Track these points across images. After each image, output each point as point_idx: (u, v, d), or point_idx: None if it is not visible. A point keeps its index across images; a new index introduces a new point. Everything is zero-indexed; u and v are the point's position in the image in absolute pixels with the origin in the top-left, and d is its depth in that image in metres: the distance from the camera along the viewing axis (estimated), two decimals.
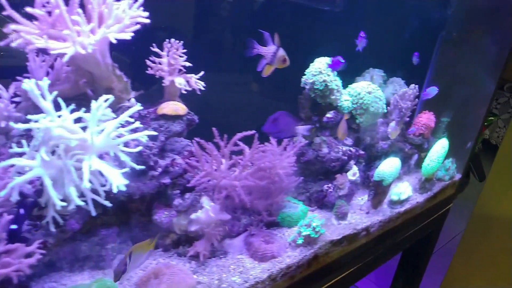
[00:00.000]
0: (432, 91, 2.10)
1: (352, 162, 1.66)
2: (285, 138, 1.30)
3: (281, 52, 1.18)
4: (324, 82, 1.47)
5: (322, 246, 1.34)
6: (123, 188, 0.88)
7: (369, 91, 1.65)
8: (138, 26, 1.04)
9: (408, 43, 1.98)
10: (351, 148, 1.64)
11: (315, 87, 1.47)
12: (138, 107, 0.97)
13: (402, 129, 1.92)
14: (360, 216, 1.59)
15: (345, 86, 1.68)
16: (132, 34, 1.02)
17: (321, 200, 1.56)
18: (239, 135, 1.18)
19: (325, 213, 1.57)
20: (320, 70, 1.46)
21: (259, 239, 1.25)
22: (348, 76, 1.81)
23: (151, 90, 1.31)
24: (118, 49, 1.11)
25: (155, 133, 1.02)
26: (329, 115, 1.59)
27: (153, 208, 1.18)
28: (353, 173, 1.58)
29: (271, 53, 1.16)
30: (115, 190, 0.87)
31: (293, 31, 1.74)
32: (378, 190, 1.62)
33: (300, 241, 1.30)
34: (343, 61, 1.43)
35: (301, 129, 1.41)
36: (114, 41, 0.99)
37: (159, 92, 1.27)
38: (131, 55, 1.27)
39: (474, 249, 2.36)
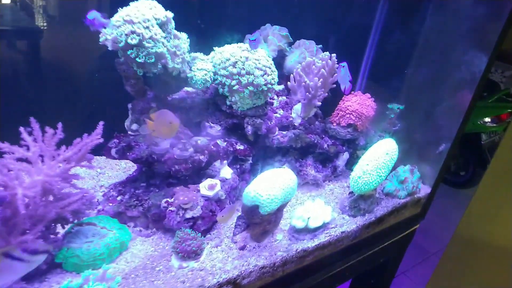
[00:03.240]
0: None
1: (220, 163, 1.08)
2: None
3: None
4: (136, 36, 0.84)
5: None
6: None
7: (246, 57, 1.06)
8: None
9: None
10: (218, 141, 1.06)
11: (120, 44, 0.86)
12: None
13: (317, 115, 1.32)
14: (227, 254, 0.98)
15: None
16: None
17: (160, 221, 0.99)
18: None
19: (169, 241, 0.99)
20: (130, 18, 0.86)
21: None
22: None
23: None
24: None
25: None
26: (189, 89, 1.02)
27: None
28: (211, 184, 0.99)
29: None
30: None
31: None
32: (254, 219, 0.98)
33: None
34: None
35: None
36: None
37: None
38: None
39: (451, 280, 1.73)
